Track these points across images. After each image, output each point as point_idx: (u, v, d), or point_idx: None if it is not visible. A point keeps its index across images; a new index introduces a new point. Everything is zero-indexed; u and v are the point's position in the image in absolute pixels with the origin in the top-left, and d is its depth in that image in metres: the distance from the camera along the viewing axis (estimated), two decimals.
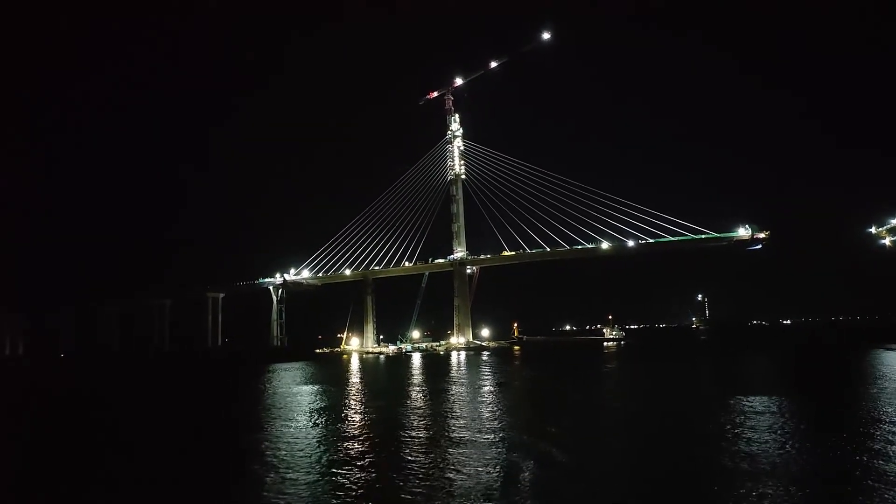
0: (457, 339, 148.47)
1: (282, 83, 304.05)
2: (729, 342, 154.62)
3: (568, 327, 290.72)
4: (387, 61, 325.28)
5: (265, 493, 22.37)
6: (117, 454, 31.30)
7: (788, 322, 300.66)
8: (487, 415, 39.72)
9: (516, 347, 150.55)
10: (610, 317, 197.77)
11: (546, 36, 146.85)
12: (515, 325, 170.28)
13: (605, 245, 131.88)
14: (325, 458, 28.05)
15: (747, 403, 39.26)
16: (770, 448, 26.57)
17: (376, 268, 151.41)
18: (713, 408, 39.67)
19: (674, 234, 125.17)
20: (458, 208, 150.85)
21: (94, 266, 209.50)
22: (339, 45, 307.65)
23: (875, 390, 45.22)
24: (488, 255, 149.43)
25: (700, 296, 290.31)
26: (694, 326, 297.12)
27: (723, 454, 25.93)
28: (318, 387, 65.98)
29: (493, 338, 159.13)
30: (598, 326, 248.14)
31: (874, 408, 36.66)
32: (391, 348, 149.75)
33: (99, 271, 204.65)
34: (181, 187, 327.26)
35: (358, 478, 23.96)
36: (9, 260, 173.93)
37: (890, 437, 28.07)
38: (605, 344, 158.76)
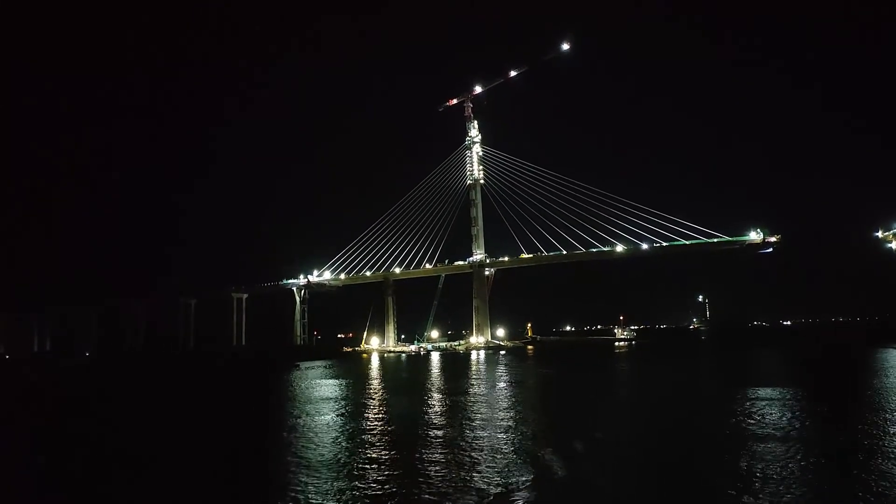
0: (476, 339, 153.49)
1: (303, 83, 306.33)
2: (729, 342, 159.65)
3: (568, 328, 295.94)
4: (409, 66, 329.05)
5: (294, 487, 22.93)
6: (149, 451, 31.99)
7: (789, 323, 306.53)
8: (509, 412, 40.98)
9: (530, 347, 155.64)
10: (622, 318, 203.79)
11: (565, 46, 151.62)
12: (529, 325, 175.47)
13: (619, 248, 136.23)
14: (351, 449, 29.64)
15: (761, 396, 42.42)
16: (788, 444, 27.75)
17: (396, 270, 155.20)
18: (727, 400, 42.13)
19: (687, 237, 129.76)
20: (477, 212, 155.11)
21: (117, 265, 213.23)
22: (360, 54, 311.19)
23: (881, 384, 49.21)
24: (506, 258, 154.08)
25: (701, 297, 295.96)
26: (693, 327, 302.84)
27: (739, 443, 27.92)
28: (345, 382, 68.89)
29: (507, 338, 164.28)
30: (599, 326, 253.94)
31: (878, 400, 39.73)
32: (411, 347, 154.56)
33: (121, 271, 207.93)
34: (203, 187, 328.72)
35: (381, 475, 24.40)
36: (31, 259, 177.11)
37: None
38: (616, 344, 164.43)
